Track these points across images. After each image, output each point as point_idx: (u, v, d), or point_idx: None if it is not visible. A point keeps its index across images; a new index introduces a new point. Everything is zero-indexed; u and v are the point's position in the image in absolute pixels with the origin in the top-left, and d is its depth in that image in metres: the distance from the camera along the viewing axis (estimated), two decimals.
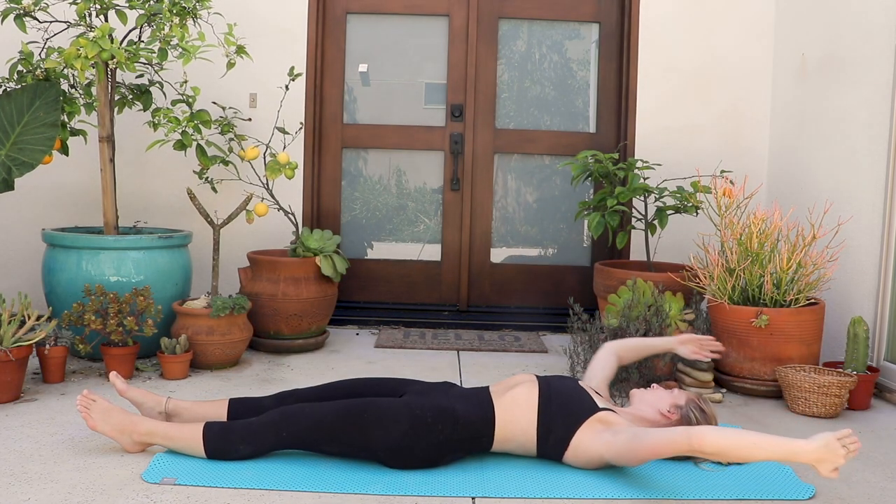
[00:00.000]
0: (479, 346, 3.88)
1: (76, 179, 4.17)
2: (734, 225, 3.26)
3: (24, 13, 3.31)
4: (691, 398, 2.38)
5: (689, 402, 2.36)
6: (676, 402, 2.36)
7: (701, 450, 1.99)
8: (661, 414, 2.35)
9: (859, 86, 3.39)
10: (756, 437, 1.97)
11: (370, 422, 2.20)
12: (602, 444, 2.19)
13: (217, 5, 3.88)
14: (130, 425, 2.29)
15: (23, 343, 2.81)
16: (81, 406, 2.29)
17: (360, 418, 2.21)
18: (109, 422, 2.29)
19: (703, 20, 4.22)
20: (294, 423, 2.23)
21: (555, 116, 4.44)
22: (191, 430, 2.26)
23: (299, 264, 3.64)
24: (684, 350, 2.69)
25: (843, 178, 3.48)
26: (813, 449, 1.89)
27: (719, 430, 2.00)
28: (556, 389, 2.31)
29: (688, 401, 2.36)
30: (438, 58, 4.40)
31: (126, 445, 2.31)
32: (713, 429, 2.00)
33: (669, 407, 2.35)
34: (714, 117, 4.25)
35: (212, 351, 3.26)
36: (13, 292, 3.95)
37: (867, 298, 3.28)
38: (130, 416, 2.32)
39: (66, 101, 3.41)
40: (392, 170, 4.45)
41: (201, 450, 2.24)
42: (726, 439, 1.97)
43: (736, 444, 1.96)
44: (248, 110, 4.18)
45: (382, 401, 2.25)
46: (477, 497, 2.09)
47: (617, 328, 3.14)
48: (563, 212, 4.46)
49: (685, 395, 2.39)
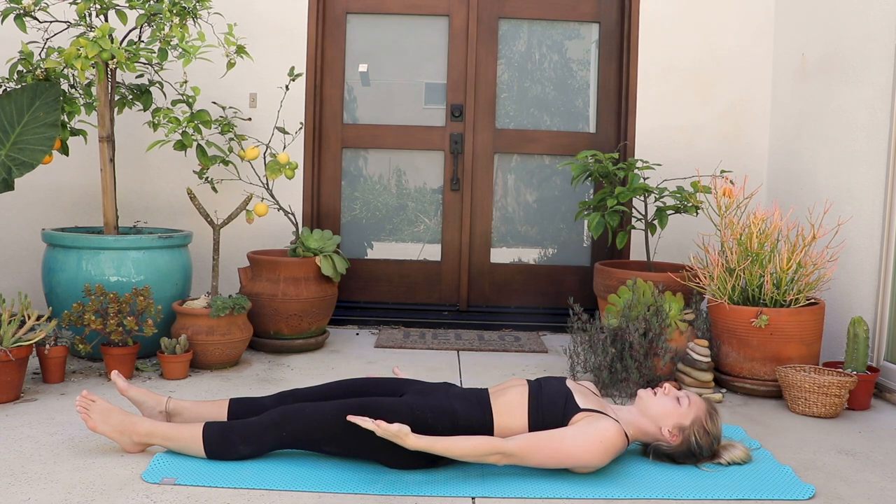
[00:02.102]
0: (479, 346, 3.88)
1: (76, 179, 4.17)
2: (734, 225, 3.26)
3: (24, 13, 3.31)
4: (698, 418, 2.28)
5: (694, 423, 2.27)
6: (681, 423, 2.28)
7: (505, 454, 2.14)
8: (662, 433, 2.29)
9: (859, 86, 3.38)
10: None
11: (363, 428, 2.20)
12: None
13: (217, 5, 3.88)
14: (130, 426, 2.29)
15: (23, 343, 2.81)
16: (81, 407, 2.28)
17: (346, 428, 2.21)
18: (109, 422, 2.29)
19: (703, 20, 4.22)
20: (294, 422, 2.23)
21: (555, 116, 4.44)
22: (190, 431, 2.26)
23: (299, 264, 3.64)
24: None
25: (843, 177, 3.48)
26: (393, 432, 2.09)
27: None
28: (545, 393, 2.29)
29: (693, 422, 2.28)
30: (438, 58, 4.40)
31: (125, 446, 2.31)
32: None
33: (672, 427, 2.28)
34: (714, 117, 4.25)
35: (212, 351, 3.26)
36: (13, 292, 3.95)
37: (867, 298, 3.28)
38: (130, 417, 2.31)
39: (66, 101, 3.41)
40: (392, 170, 4.45)
41: (201, 450, 2.24)
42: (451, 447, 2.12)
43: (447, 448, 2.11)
44: (248, 110, 4.18)
45: (382, 401, 2.25)
46: (477, 497, 2.09)
47: (617, 328, 3.14)
48: (563, 212, 4.46)
49: (693, 412, 2.29)
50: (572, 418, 2.22)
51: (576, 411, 2.23)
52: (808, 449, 2.53)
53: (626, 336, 3.08)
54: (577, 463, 2.16)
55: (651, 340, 3.10)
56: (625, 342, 3.08)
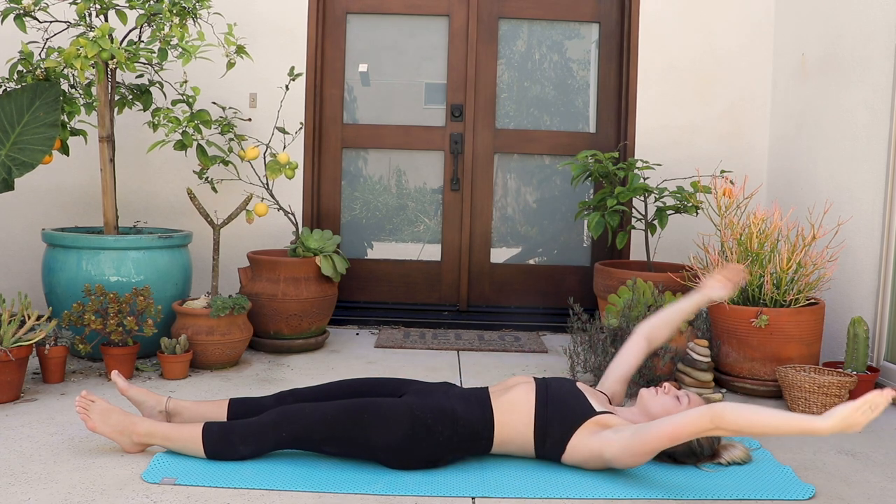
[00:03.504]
0: (479, 346, 3.88)
1: (76, 179, 4.17)
2: (734, 225, 3.26)
3: (24, 13, 3.31)
4: None
5: None
6: None
7: (720, 427, 1.99)
8: None
9: (859, 86, 3.38)
10: (772, 415, 1.97)
11: (370, 421, 2.20)
12: (602, 442, 2.17)
13: (217, 5, 3.88)
14: (130, 426, 2.29)
15: (23, 343, 2.81)
16: (80, 407, 2.28)
17: (360, 418, 2.21)
18: (108, 422, 2.29)
19: (703, 20, 4.22)
20: (294, 422, 2.23)
21: (555, 116, 4.44)
22: (190, 431, 2.26)
23: (299, 264, 3.64)
24: (717, 293, 2.52)
25: (843, 178, 3.48)
26: (829, 427, 1.88)
27: (737, 408, 1.99)
28: (553, 392, 2.29)
29: None
30: (438, 58, 4.40)
31: (125, 446, 2.31)
32: (732, 406, 2.00)
33: None
34: (714, 117, 4.25)
35: (212, 351, 3.26)
36: (13, 292, 3.95)
37: (867, 298, 3.28)
38: (130, 417, 2.32)
39: (66, 101, 3.41)
40: (392, 170, 4.45)
41: (201, 450, 2.24)
42: (744, 418, 1.97)
43: (753, 423, 1.97)
44: (248, 110, 4.18)
45: (383, 401, 2.25)
46: (477, 497, 2.09)
47: (617, 328, 3.14)
48: (563, 212, 4.46)
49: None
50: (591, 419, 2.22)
51: (590, 415, 2.23)
52: (808, 449, 2.53)
53: (626, 336, 3.08)
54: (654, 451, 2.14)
55: None
56: (625, 342, 3.07)
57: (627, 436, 2.14)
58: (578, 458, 2.23)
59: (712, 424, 2.00)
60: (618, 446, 2.15)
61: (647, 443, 2.11)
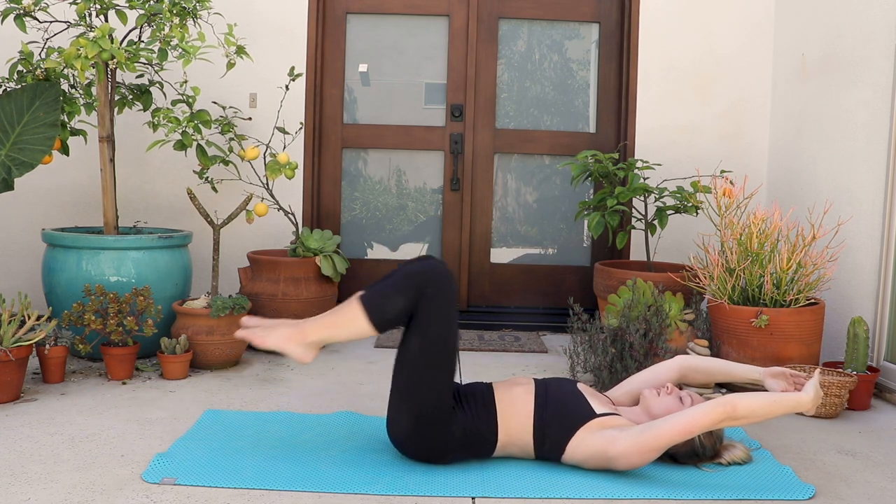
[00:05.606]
0: (479, 346, 3.88)
1: (76, 179, 4.17)
2: (734, 225, 3.26)
3: (24, 13, 3.31)
4: None
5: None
6: None
7: (734, 416, 2.11)
8: None
9: (859, 86, 3.39)
10: (768, 398, 2.14)
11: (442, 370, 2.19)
12: (606, 440, 2.17)
13: (217, 5, 3.88)
14: (298, 334, 2.23)
15: (23, 343, 2.81)
16: (245, 332, 2.24)
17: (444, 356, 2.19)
18: (275, 334, 2.23)
19: (703, 20, 4.23)
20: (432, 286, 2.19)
21: (555, 116, 4.44)
22: (348, 310, 2.21)
23: (299, 264, 3.64)
24: (773, 384, 2.39)
25: (843, 178, 3.48)
26: (810, 399, 2.16)
27: (743, 397, 2.13)
28: (553, 393, 2.29)
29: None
30: (438, 58, 4.40)
31: (298, 355, 2.23)
32: (739, 396, 2.14)
33: None
34: (714, 117, 4.25)
35: (212, 351, 3.26)
36: (13, 292, 3.95)
37: (867, 298, 3.28)
38: (295, 324, 2.26)
39: (66, 101, 3.41)
40: (392, 170, 4.45)
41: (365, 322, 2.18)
42: (754, 404, 2.13)
43: (761, 407, 2.13)
44: (249, 110, 4.18)
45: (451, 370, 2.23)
46: (477, 497, 2.09)
47: (617, 328, 3.14)
48: (563, 212, 4.46)
49: None
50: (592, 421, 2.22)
51: (591, 416, 2.23)
52: (809, 449, 2.53)
53: (627, 336, 3.08)
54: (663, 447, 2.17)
55: (651, 340, 3.10)
56: (625, 342, 3.08)
57: (636, 433, 2.14)
58: (579, 458, 2.23)
59: (726, 415, 2.10)
60: (625, 443, 2.14)
61: (660, 437, 2.12)
